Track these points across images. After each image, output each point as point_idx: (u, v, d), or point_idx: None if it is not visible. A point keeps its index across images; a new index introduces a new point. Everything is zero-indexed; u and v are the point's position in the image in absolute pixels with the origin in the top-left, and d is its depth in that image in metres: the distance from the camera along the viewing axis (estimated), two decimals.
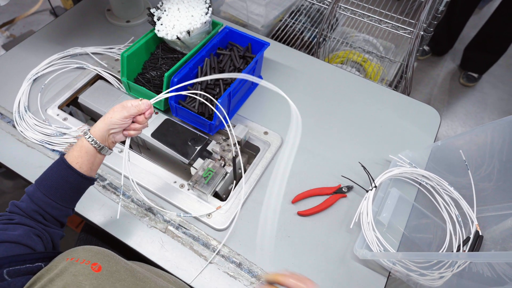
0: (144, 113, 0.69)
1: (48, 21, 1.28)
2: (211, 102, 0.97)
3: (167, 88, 0.94)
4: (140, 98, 0.70)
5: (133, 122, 0.69)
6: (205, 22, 1.00)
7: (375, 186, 0.87)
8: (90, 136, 0.66)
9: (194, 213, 0.85)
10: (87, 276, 0.53)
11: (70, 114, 1.10)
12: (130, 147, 1.00)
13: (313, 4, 1.61)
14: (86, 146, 0.66)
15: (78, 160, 0.66)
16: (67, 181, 0.65)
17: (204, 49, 1.00)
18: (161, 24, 1.00)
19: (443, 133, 2.05)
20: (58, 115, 1.02)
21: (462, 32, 2.26)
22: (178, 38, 0.99)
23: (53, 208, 0.64)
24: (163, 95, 0.73)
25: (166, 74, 0.92)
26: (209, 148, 0.95)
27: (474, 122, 2.09)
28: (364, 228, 0.81)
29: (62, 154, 0.68)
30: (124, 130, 0.69)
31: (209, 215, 0.85)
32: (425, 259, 0.74)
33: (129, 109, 0.66)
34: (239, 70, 1.02)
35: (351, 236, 0.85)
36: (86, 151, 0.66)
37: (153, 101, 0.71)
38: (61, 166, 0.65)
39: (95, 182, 0.91)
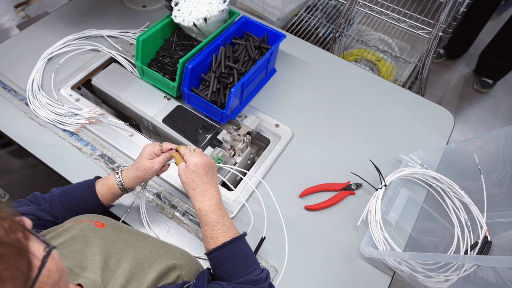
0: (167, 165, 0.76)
1: (64, 4, 1.27)
2: (224, 91, 0.97)
3: (181, 74, 0.94)
4: (160, 144, 0.75)
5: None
6: (222, 10, 0.99)
7: (385, 185, 0.86)
8: (120, 181, 0.73)
9: None
10: (92, 230, 0.59)
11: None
12: (140, 131, 1.00)
13: (330, 0, 1.59)
14: (113, 187, 0.73)
15: (103, 194, 0.73)
16: (87, 203, 0.73)
17: (220, 38, 0.99)
18: (179, 10, 0.99)
19: (453, 138, 2.03)
20: (70, 95, 1.02)
21: (478, 37, 2.23)
22: (194, 24, 0.98)
23: (64, 218, 0.72)
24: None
25: (180, 61, 0.92)
26: (219, 137, 0.94)
27: (486, 129, 2.07)
28: (372, 226, 0.81)
29: (97, 178, 0.76)
30: None
31: None
32: (433, 260, 0.74)
33: (157, 165, 0.73)
34: (254, 61, 1.01)
35: (358, 234, 0.84)
36: (113, 192, 0.74)
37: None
38: (89, 189, 0.73)
39: (105, 164, 0.91)
